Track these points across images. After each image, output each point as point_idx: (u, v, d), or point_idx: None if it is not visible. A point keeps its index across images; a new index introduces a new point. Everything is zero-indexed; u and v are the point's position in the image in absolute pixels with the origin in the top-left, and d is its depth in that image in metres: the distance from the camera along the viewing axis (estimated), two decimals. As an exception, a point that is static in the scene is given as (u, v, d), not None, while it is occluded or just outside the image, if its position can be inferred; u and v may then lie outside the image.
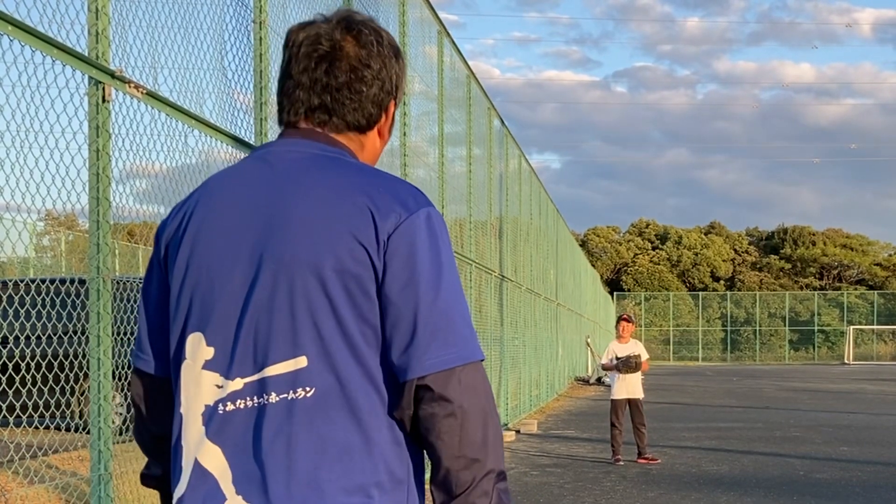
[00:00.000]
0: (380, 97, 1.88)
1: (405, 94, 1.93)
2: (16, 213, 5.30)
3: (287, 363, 1.69)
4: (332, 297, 1.68)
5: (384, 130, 1.93)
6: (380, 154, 1.96)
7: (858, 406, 21.11)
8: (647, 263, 72.78)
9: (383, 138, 1.94)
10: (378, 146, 1.94)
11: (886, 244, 76.39)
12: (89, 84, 4.27)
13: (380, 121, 1.90)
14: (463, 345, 1.70)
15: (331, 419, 1.68)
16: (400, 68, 1.92)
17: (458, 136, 13.16)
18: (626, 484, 10.04)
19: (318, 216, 1.70)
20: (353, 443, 1.68)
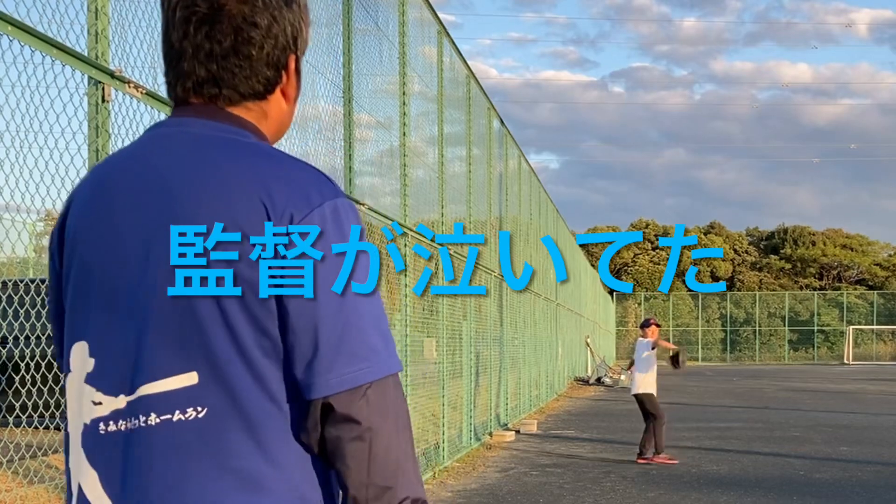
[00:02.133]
0: (275, 56, 1.59)
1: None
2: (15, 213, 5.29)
3: (173, 379, 1.48)
4: (223, 304, 1.46)
5: (289, 91, 1.65)
6: (290, 118, 1.70)
7: (858, 406, 21.11)
8: (647, 263, 72.79)
9: (289, 99, 1.66)
10: (285, 109, 1.66)
11: (886, 244, 76.40)
12: (89, 84, 4.27)
13: (280, 81, 1.62)
14: (374, 358, 1.49)
15: (226, 442, 1.48)
16: (295, 16, 1.62)
17: (457, 136, 13.16)
18: (626, 484, 10.04)
19: (206, 213, 1.47)
20: (253, 469, 1.48)
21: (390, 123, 9.60)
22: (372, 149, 9.20)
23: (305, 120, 7.17)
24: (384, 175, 9.73)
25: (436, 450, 11.08)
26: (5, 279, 11.91)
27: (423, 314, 10.73)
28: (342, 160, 7.80)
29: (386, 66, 9.42)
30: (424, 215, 11.00)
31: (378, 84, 9.27)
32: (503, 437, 14.12)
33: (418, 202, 10.51)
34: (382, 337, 1.51)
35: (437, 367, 11.28)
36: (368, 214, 8.33)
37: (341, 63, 7.75)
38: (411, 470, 1.52)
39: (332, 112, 7.66)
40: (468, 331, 13.03)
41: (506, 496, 9.36)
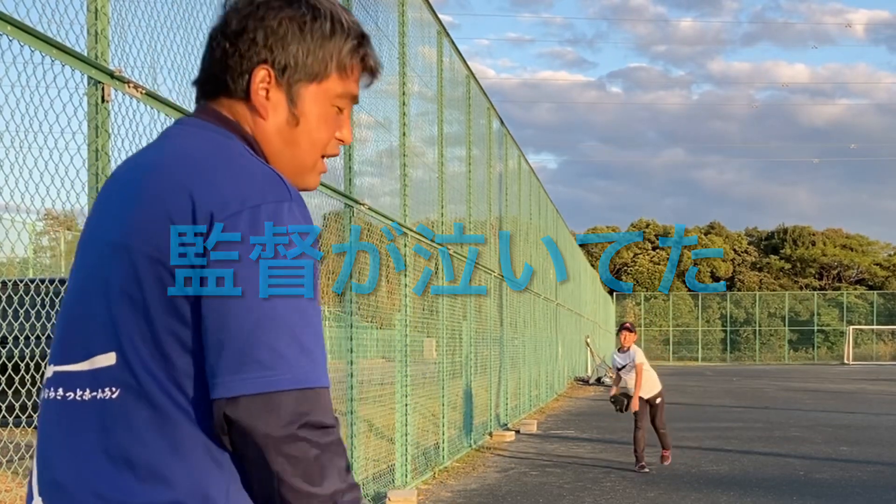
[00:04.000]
0: (235, 61, 1.64)
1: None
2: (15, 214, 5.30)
3: (98, 358, 1.53)
4: (144, 287, 1.50)
5: (259, 106, 1.65)
6: (274, 136, 1.67)
7: (858, 406, 21.10)
8: (647, 263, 72.79)
9: (262, 115, 1.66)
10: (260, 123, 1.66)
11: (886, 244, 76.42)
12: (88, 84, 4.27)
13: (248, 89, 1.65)
14: (284, 367, 1.45)
15: (131, 427, 1.49)
16: (281, 31, 1.63)
17: (457, 136, 13.16)
18: (626, 484, 10.04)
19: (145, 199, 1.53)
20: (155, 459, 1.48)
21: (390, 123, 9.61)
22: (371, 149, 9.21)
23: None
24: (384, 175, 9.73)
25: (436, 450, 11.08)
26: (5, 279, 11.91)
27: (423, 314, 10.73)
28: (342, 160, 7.81)
29: (385, 66, 9.41)
30: (424, 215, 11.00)
31: (378, 84, 9.26)
32: (503, 437, 14.12)
33: (418, 202, 10.51)
34: (298, 347, 1.47)
35: (437, 367, 11.28)
36: (368, 214, 8.33)
37: (341, 63, 7.75)
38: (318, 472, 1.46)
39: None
40: (468, 331, 13.03)
41: (506, 496, 9.36)
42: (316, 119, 1.68)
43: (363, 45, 1.70)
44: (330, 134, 1.71)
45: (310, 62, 1.65)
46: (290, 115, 1.66)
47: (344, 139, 1.74)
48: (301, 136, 1.67)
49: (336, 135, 1.72)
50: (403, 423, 9.39)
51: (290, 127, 1.67)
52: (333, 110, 1.70)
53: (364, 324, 8.58)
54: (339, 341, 7.84)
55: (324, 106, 1.68)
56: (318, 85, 1.67)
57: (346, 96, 1.70)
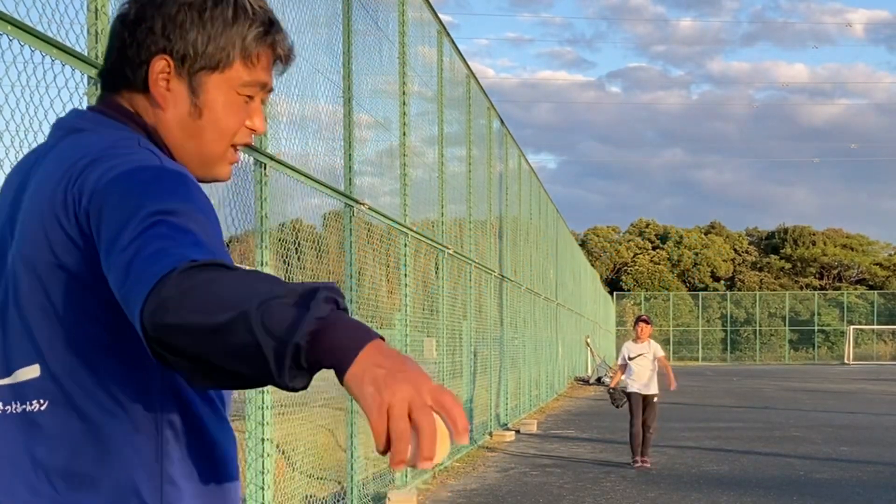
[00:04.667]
0: (133, 51, 1.60)
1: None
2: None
3: (20, 372, 1.49)
4: (51, 295, 1.45)
5: (157, 95, 1.60)
6: (175, 126, 1.61)
7: (858, 406, 21.11)
8: (647, 263, 72.78)
9: (163, 105, 1.61)
10: (159, 114, 1.61)
11: (886, 244, 76.44)
12: (89, 84, 4.27)
13: (145, 79, 1.60)
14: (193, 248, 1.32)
15: (60, 438, 1.48)
16: (178, 16, 1.58)
17: (457, 135, 13.16)
18: (626, 484, 10.04)
19: (35, 202, 1.49)
20: (82, 466, 1.46)
21: (390, 123, 9.61)
22: (371, 149, 9.20)
23: (305, 120, 7.17)
24: (384, 175, 9.73)
25: (436, 450, 11.07)
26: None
27: (423, 314, 10.73)
28: (342, 160, 7.80)
29: (386, 65, 9.42)
30: (424, 215, 11.00)
31: (378, 84, 9.27)
32: (503, 437, 14.12)
33: (418, 202, 10.51)
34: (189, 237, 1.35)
35: (437, 366, 11.28)
36: (368, 214, 8.33)
37: (341, 63, 7.75)
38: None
39: (331, 112, 7.66)
40: (468, 331, 13.03)
41: (506, 496, 9.36)
42: (220, 109, 1.61)
43: (271, 32, 1.62)
44: (237, 123, 1.64)
45: (210, 50, 1.58)
46: (191, 106, 1.60)
47: (255, 128, 1.67)
48: (205, 127, 1.61)
49: (246, 124, 1.65)
50: (403, 423, 9.38)
51: (192, 118, 1.61)
52: (240, 99, 1.63)
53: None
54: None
55: (228, 95, 1.61)
56: (221, 73, 1.60)
57: (254, 84, 1.63)
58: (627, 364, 11.76)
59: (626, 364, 11.77)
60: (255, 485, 5.72)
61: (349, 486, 7.70)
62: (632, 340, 12.10)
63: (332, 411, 7.90)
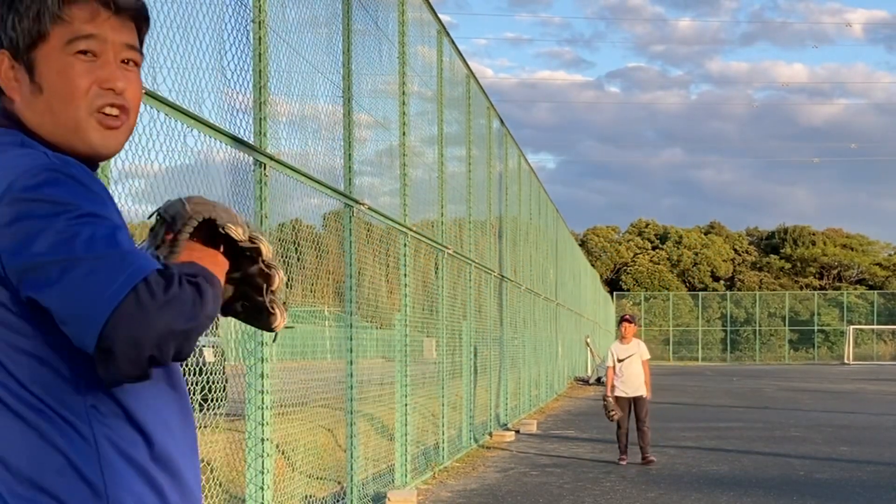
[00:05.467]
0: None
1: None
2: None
3: None
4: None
5: (8, 88, 1.66)
6: (31, 110, 1.65)
7: (858, 406, 21.11)
8: (646, 263, 72.77)
9: (12, 94, 1.66)
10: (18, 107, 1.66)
11: (886, 244, 76.45)
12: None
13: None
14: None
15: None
16: (1, 11, 1.64)
17: (457, 135, 13.15)
18: (626, 484, 10.04)
19: None
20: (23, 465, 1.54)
21: (389, 123, 9.60)
22: (371, 148, 9.20)
23: (304, 119, 7.16)
24: (383, 175, 9.72)
25: (436, 450, 11.08)
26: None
27: (423, 314, 10.72)
28: (341, 160, 7.80)
29: (385, 65, 9.42)
30: (424, 215, 11.00)
31: (377, 84, 9.27)
32: (503, 437, 14.12)
33: (418, 202, 10.50)
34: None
35: (437, 367, 11.28)
36: (368, 214, 8.32)
37: (340, 63, 7.74)
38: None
39: (331, 112, 7.66)
40: (468, 331, 13.03)
41: (505, 496, 9.35)
42: (55, 76, 1.62)
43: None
44: (85, 85, 1.63)
45: (26, 26, 1.61)
46: (32, 85, 1.63)
47: (110, 85, 1.65)
48: (50, 100, 1.63)
49: (99, 83, 1.64)
50: (403, 423, 9.39)
51: (35, 97, 1.63)
52: (75, 60, 1.63)
53: (364, 324, 8.58)
54: (339, 341, 7.83)
55: (58, 61, 1.62)
56: (45, 44, 1.62)
57: (82, 39, 1.63)
58: (617, 367, 11.70)
59: (616, 367, 11.71)
60: (254, 485, 5.71)
61: (349, 486, 7.70)
62: (617, 341, 12.01)
63: (331, 411, 7.89)
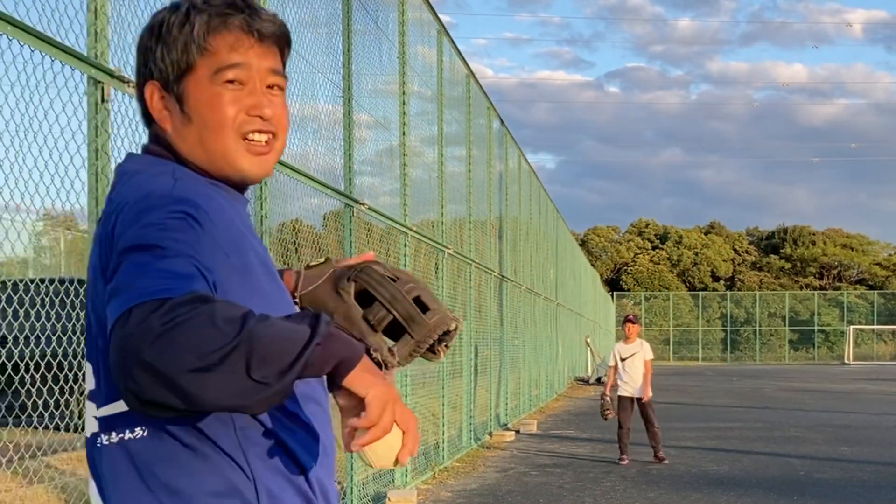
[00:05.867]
0: (140, 85, 1.73)
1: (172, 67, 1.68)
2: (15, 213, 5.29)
3: (114, 405, 1.59)
4: (100, 340, 1.59)
5: (158, 115, 1.71)
6: (181, 139, 1.70)
7: (858, 406, 21.11)
8: (647, 263, 72.75)
9: (163, 124, 1.71)
10: (167, 132, 1.71)
11: (886, 244, 76.42)
12: (88, 83, 4.26)
13: (148, 108, 1.73)
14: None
15: (161, 463, 1.59)
16: (149, 39, 1.70)
17: (457, 135, 13.16)
18: (626, 484, 10.04)
19: (92, 251, 1.64)
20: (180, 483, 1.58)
21: (389, 123, 9.60)
22: (371, 148, 9.20)
23: (304, 120, 7.16)
24: (383, 175, 9.72)
25: (436, 450, 11.08)
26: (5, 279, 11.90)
27: (423, 314, 10.70)
28: (342, 160, 7.80)
29: (385, 65, 9.42)
30: (424, 215, 11.00)
31: (377, 84, 9.27)
32: (503, 437, 14.12)
33: (418, 202, 10.51)
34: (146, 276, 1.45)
35: (437, 366, 11.28)
36: (368, 214, 8.32)
37: (341, 63, 7.75)
38: None
39: (331, 112, 7.66)
40: (468, 331, 13.03)
41: (506, 496, 9.36)
42: (204, 106, 1.66)
43: (222, 14, 1.65)
44: (233, 113, 1.66)
45: (174, 58, 1.66)
46: (182, 115, 1.68)
47: (259, 113, 1.68)
48: (200, 129, 1.67)
49: (246, 111, 1.67)
50: (403, 423, 9.38)
51: (185, 126, 1.68)
52: (223, 89, 1.66)
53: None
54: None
55: (207, 91, 1.66)
56: (192, 74, 1.66)
57: (228, 69, 1.66)
58: (620, 366, 11.74)
59: (619, 366, 11.75)
60: (254, 485, 5.71)
61: (349, 486, 7.70)
62: (621, 341, 12.10)
63: (331, 411, 7.89)
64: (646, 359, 11.74)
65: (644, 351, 11.80)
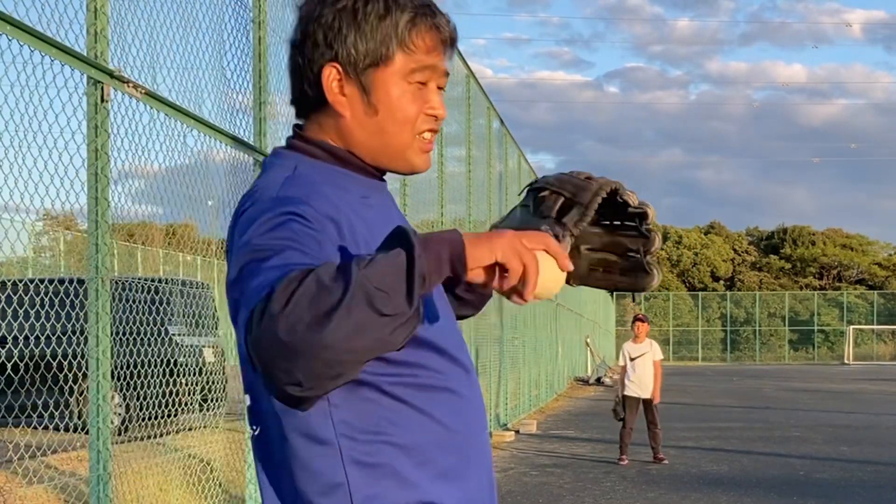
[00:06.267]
0: (306, 68, 1.68)
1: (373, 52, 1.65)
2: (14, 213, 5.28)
3: (246, 398, 1.69)
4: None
5: (337, 103, 1.68)
6: (358, 129, 1.69)
7: (858, 406, 21.11)
8: (646, 263, 72.73)
9: (342, 112, 1.68)
10: (344, 121, 1.69)
11: (886, 244, 76.40)
12: (88, 84, 4.26)
13: (322, 94, 1.67)
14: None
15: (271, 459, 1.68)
16: (334, 20, 1.65)
17: (456, 135, 13.15)
18: (626, 484, 10.04)
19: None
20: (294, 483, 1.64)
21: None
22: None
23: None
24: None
25: (436, 450, 11.06)
26: (5, 279, 11.91)
27: (423, 314, 10.70)
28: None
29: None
30: (424, 215, 10.99)
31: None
32: (503, 438, 14.12)
33: (418, 202, 10.50)
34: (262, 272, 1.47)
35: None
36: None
37: (341, 63, 7.74)
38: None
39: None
40: (468, 331, 13.03)
41: (506, 496, 9.35)
42: (394, 101, 1.68)
43: (425, 15, 1.68)
44: (415, 112, 1.70)
45: (371, 47, 1.66)
46: (366, 105, 1.68)
47: (436, 114, 1.73)
48: (383, 122, 1.68)
49: (425, 110, 1.71)
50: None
51: (369, 117, 1.68)
52: (412, 87, 1.69)
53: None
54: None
55: (399, 86, 1.68)
56: (386, 67, 1.67)
57: (422, 70, 1.69)
58: (629, 365, 11.74)
59: (628, 365, 11.75)
60: (254, 485, 5.71)
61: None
62: (630, 341, 12.11)
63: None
64: (655, 359, 11.73)
65: (654, 351, 11.80)
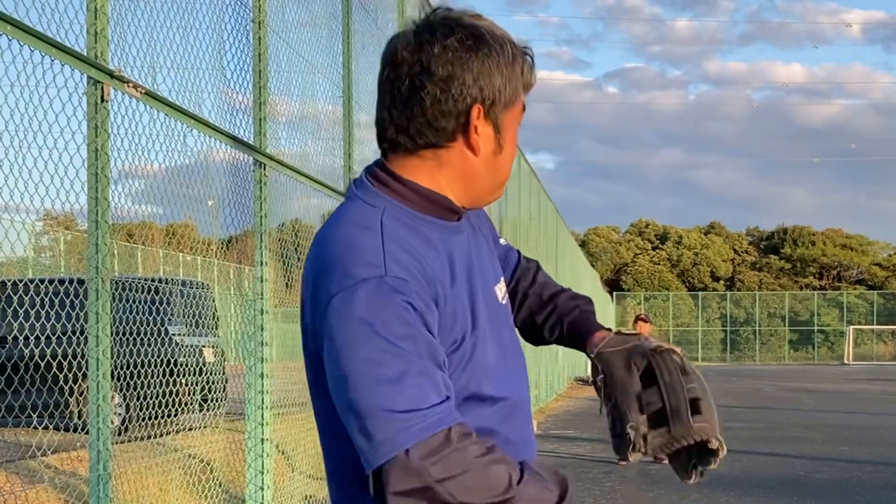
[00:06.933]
0: (449, 105, 1.70)
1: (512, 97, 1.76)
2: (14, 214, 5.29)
3: None
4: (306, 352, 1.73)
5: (474, 142, 1.72)
6: (484, 170, 1.76)
7: (858, 406, 21.11)
8: (647, 263, 72.77)
9: (476, 151, 1.73)
10: (471, 161, 1.74)
11: (886, 244, 76.40)
12: (88, 84, 4.26)
13: (461, 132, 1.71)
14: (371, 450, 1.52)
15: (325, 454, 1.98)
16: (483, 64, 1.70)
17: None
18: (626, 484, 10.04)
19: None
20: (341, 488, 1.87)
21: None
22: (371, 148, 9.19)
23: (304, 119, 7.17)
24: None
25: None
26: (5, 279, 11.91)
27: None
28: (341, 160, 7.80)
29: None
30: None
31: (375, 84, 9.26)
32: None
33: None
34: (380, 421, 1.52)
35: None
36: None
37: (340, 63, 7.75)
38: None
39: (331, 112, 7.66)
40: (468, 331, 13.02)
41: (506, 496, 9.35)
42: (511, 140, 1.79)
43: (530, 57, 1.80)
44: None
45: (509, 91, 1.74)
46: (496, 144, 1.75)
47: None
48: (503, 160, 1.78)
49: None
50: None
51: (495, 155, 1.76)
52: (518, 126, 1.82)
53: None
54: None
55: (514, 126, 1.80)
56: (510, 109, 1.77)
57: (524, 110, 1.83)
58: None
59: None
60: (254, 485, 5.72)
61: None
62: None
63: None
64: None
65: None
